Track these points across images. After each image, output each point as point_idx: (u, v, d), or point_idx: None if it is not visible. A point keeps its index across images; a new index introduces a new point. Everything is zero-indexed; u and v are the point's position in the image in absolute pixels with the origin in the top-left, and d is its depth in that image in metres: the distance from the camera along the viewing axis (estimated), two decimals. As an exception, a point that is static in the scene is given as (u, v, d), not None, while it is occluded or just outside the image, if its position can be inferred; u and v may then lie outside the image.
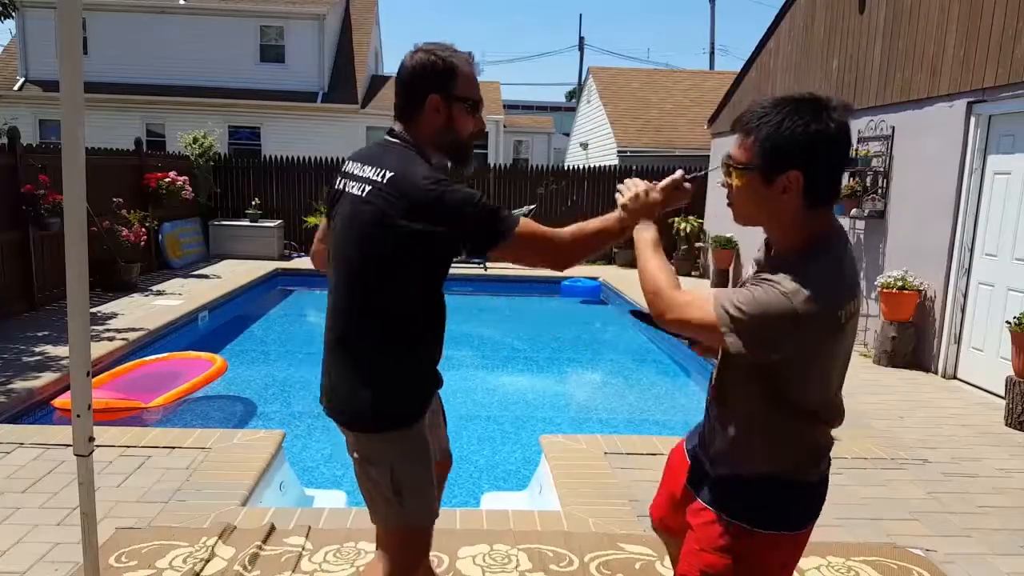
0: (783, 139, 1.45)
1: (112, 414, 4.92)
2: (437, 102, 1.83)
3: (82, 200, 2.21)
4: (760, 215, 1.57)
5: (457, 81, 1.83)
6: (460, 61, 1.84)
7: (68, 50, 2.14)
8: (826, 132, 1.45)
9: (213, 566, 2.82)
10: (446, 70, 1.82)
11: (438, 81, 1.82)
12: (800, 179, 1.46)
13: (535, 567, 2.91)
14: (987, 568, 3.10)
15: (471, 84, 1.86)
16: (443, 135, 1.86)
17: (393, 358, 1.88)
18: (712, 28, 31.70)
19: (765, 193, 1.51)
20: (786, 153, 1.46)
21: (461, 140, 1.89)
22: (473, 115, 1.89)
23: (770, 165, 1.48)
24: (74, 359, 2.28)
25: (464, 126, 1.88)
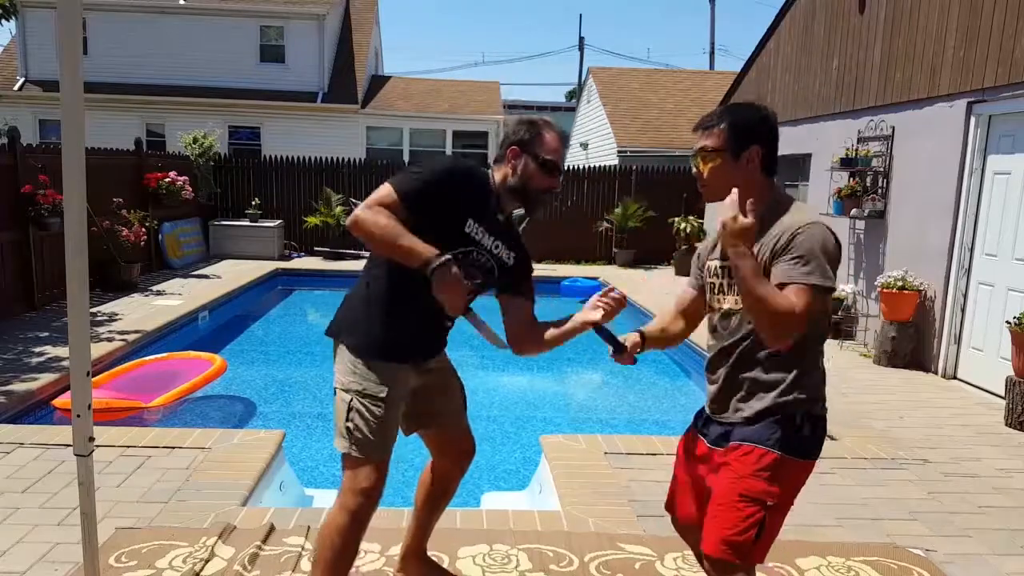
0: (744, 123, 1.96)
1: (112, 414, 4.92)
2: (516, 152, 2.29)
3: (82, 200, 2.21)
4: (729, 191, 1.91)
5: (541, 142, 2.28)
6: (548, 129, 2.30)
7: (68, 50, 2.14)
8: (768, 116, 1.99)
9: (213, 566, 2.82)
10: (531, 133, 2.29)
11: (521, 141, 2.29)
12: (760, 151, 1.94)
13: (535, 567, 2.91)
14: (987, 568, 3.10)
15: (550, 148, 2.28)
16: (516, 179, 2.29)
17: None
18: (712, 28, 31.64)
19: (734, 168, 1.95)
20: (748, 133, 1.94)
21: (528, 189, 2.30)
22: (544, 172, 2.28)
23: (737, 143, 1.94)
24: (74, 359, 2.28)
25: (536, 178, 2.28)
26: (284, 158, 13.66)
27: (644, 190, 13.40)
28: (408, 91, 20.29)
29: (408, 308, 2.28)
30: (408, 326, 2.29)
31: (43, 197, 7.44)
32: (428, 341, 2.42)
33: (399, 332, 2.28)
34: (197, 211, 12.38)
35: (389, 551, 2.98)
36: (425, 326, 2.35)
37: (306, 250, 13.25)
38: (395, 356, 2.28)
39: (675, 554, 3.04)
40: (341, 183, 13.43)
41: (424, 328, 2.35)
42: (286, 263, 12.17)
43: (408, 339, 2.31)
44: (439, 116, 19.07)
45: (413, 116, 18.98)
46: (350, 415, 2.23)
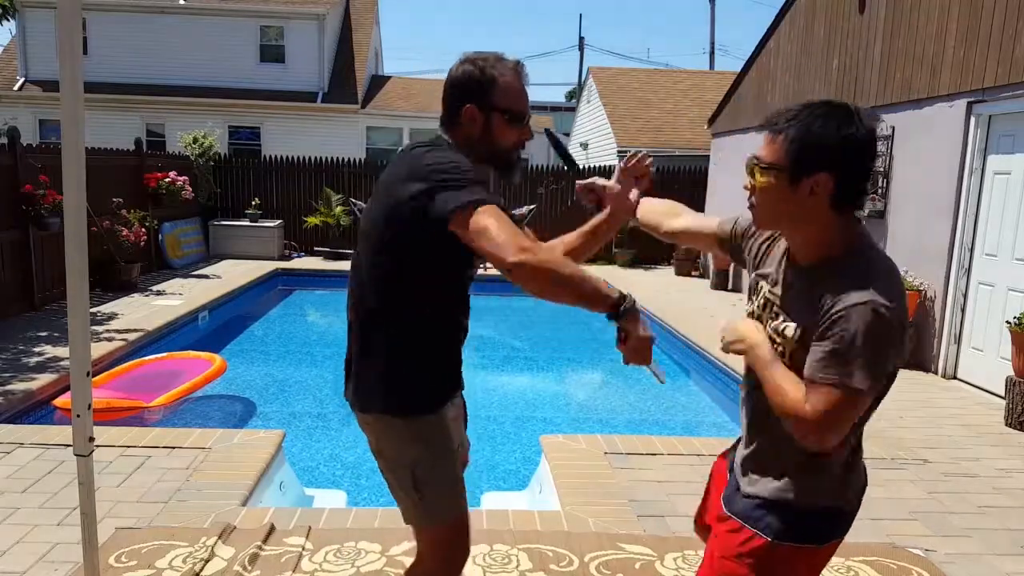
0: (814, 140, 1.43)
1: (113, 413, 4.92)
2: (473, 112, 1.82)
3: (82, 200, 2.21)
4: (783, 219, 1.54)
5: (495, 91, 1.81)
6: (502, 71, 1.82)
7: (68, 50, 2.14)
8: (856, 136, 1.43)
9: (213, 566, 2.82)
10: (484, 80, 1.81)
11: (475, 92, 1.81)
12: (829, 182, 1.44)
13: (535, 567, 2.91)
14: (987, 568, 3.10)
15: (512, 95, 1.83)
16: (480, 145, 1.84)
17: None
18: (712, 28, 31.66)
19: (789, 195, 1.47)
20: (816, 154, 1.43)
21: (500, 150, 1.86)
22: (513, 126, 1.85)
23: (798, 166, 1.45)
24: (74, 359, 2.28)
25: (503, 136, 1.85)
26: (284, 158, 13.66)
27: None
28: (408, 91, 20.30)
29: (446, 343, 1.91)
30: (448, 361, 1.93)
31: (43, 197, 7.44)
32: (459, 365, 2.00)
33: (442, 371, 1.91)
34: (197, 211, 12.38)
35: (389, 551, 2.99)
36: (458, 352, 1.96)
37: (306, 250, 13.25)
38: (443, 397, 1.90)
39: (675, 554, 3.04)
40: (341, 183, 13.43)
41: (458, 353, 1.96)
42: (286, 263, 12.17)
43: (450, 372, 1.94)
44: (439, 116, 19.02)
45: (413, 116, 18.98)
46: (421, 488, 1.85)
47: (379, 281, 1.81)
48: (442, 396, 1.88)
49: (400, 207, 1.72)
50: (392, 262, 1.78)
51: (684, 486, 3.79)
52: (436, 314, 1.85)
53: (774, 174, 1.48)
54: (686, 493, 3.72)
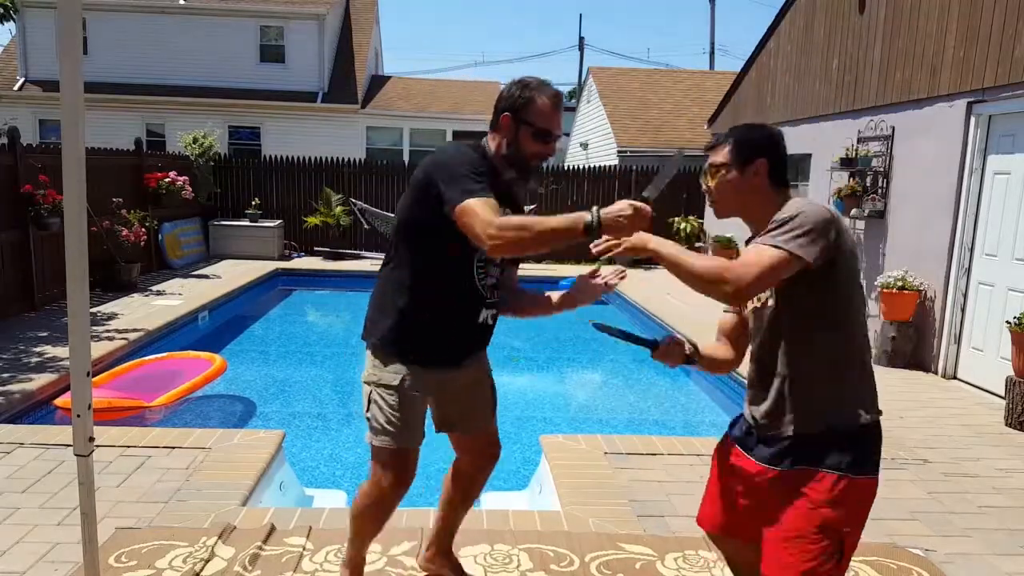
0: (749, 139, 1.99)
1: (114, 413, 4.92)
2: (507, 121, 2.24)
3: (82, 200, 2.21)
4: (738, 203, 1.99)
5: (529, 109, 2.21)
6: (539, 95, 2.22)
7: (68, 50, 2.14)
8: (774, 133, 2.02)
9: (213, 566, 2.82)
10: (522, 98, 2.22)
11: (513, 105, 2.23)
12: (765, 164, 1.95)
13: (536, 567, 2.91)
14: (987, 568, 3.10)
15: (542, 115, 2.22)
16: (509, 149, 2.25)
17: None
18: (712, 28, 31.68)
19: (740, 181, 1.96)
20: (753, 146, 1.96)
21: (522, 157, 2.25)
22: (537, 140, 2.23)
23: (742, 157, 1.96)
24: (74, 359, 2.28)
25: (527, 146, 2.24)
26: (284, 158, 13.66)
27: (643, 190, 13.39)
28: (408, 91, 20.30)
29: (433, 309, 2.27)
30: (430, 326, 2.28)
31: (43, 197, 7.44)
32: (456, 344, 2.36)
33: (421, 335, 2.28)
34: (197, 211, 12.38)
35: (390, 551, 2.99)
36: (452, 328, 2.31)
37: (306, 250, 13.24)
38: (414, 359, 2.29)
39: (675, 554, 3.04)
40: (341, 183, 13.43)
41: (451, 331, 2.32)
42: (286, 263, 12.17)
43: (430, 341, 2.29)
44: (439, 116, 19.07)
45: (413, 116, 18.99)
46: (370, 406, 2.33)
47: (395, 244, 2.32)
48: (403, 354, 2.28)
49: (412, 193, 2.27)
50: (403, 231, 2.29)
51: (684, 486, 3.79)
52: (429, 282, 2.26)
53: (726, 170, 1.98)
54: (686, 493, 3.72)
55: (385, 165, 14.07)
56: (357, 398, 6.62)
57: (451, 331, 2.32)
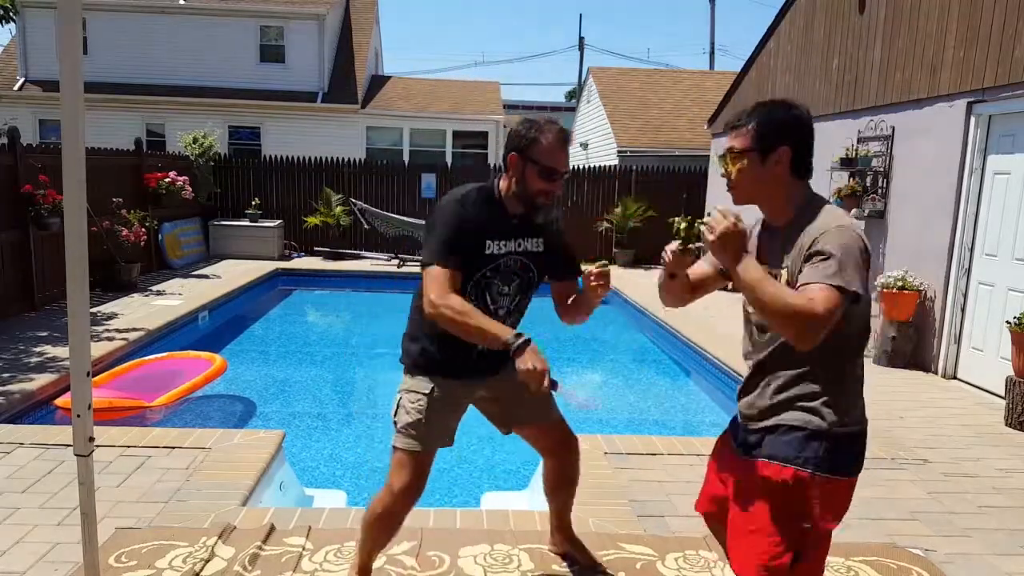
0: (773, 123, 1.86)
1: (115, 413, 4.92)
2: (514, 159, 2.35)
3: (82, 200, 2.21)
4: (758, 191, 1.90)
5: (534, 148, 2.31)
6: (546, 133, 2.32)
7: (68, 50, 2.14)
8: (801, 115, 1.89)
9: (213, 566, 2.82)
10: (528, 138, 2.32)
11: (519, 146, 2.34)
12: (788, 152, 1.85)
13: (537, 567, 2.91)
14: (987, 568, 3.10)
15: (550, 153, 2.31)
16: (516, 186, 2.37)
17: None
18: (712, 28, 31.67)
19: (761, 169, 1.87)
20: (776, 132, 1.85)
21: (528, 194, 2.36)
22: (543, 177, 2.33)
23: (765, 144, 1.85)
24: (74, 359, 2.28)
25: (534, 183, 2.34)
26: (284, 158, 13.66)
27: (644, 190, 13.41)
28: (408, 91, 20.29)
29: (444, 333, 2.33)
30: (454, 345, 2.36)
31: (43, 197, 7.44)
32: (478, 364, 2.48)
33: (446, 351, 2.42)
34: (197, 211, 12.38)
35: (390, 550, 2.98)
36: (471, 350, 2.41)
37: (306, 250, 13.24)
38: (442, 374, 2.46)
39: (676, 554, 3.04)
40: (341, 183, 13.43)
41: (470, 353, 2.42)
42: (286, 263, 12.17)
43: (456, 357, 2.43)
44: (439, 116, 19.07)
45: (413, 116, 18.98)
46: (398, 411, 2.46)
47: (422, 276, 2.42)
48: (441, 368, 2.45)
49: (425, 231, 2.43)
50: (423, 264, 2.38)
51: (684, 486, 3.79)
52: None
53: (747, 156, 1.87)
54: (686, 493, 3.72)
55: (385, 165, 14.07)
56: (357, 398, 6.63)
57: (471, 353, 2.42)
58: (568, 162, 2.40)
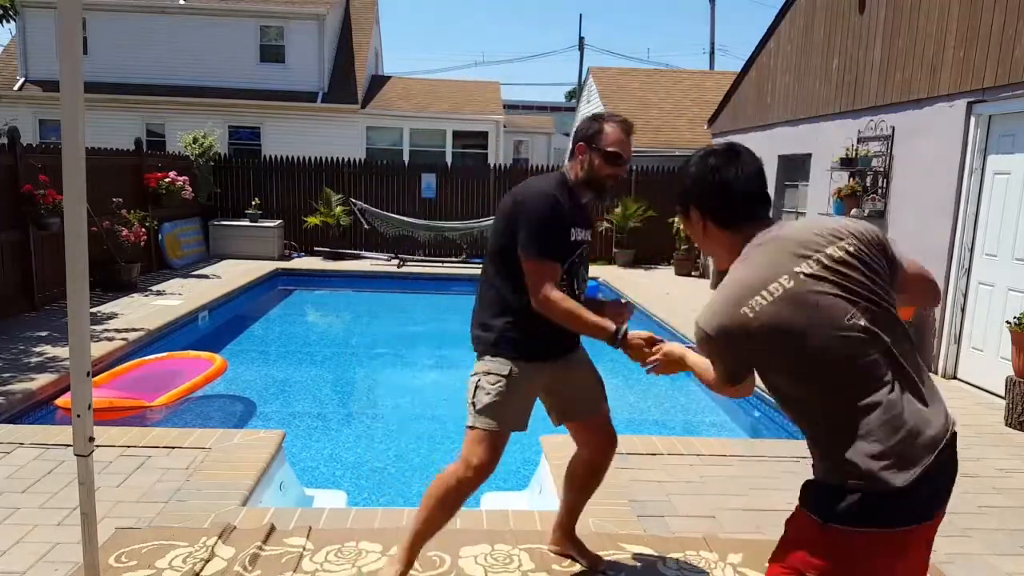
0: (680, 186, 1.87)
1: (115, 413, 4.92)
2: (582, 148, 2.56)
3: (82, 200, 2.21)
4: (704, 245, 1.88)
5: (602, 136, 2.52)
6: (611, 123, 2.54)
7: (68, 50, 2.14)
8: (695, 174, 1.82)
9: (213, 566, 2.82)
10: (594, 128, 2.54)
11: (585, 137, 2.55)
12: (696, 210, 1.82)
13: (537, 567, 2.91)
14: (987, 568, 3.10)
15: (615, 140, 2.52)
16: (584, 173, 2.56)
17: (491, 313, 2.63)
18: (712, 28, 31.68)
19: (691, 228, 1.87)
20: (681, 195, 1.86)
21: (596, 179, 2.55)
22: (609, 162, 2.52)
23: (682, 206, 1.87)
24: (74, 359, 2.28)
25: (601, 168, 2.53)
26: (284, 158, 13.66)
27: (644, 190, 13.41)
28: (408, 91, 20.29)
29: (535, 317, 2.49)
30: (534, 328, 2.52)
31: (43, 197, 7.44)
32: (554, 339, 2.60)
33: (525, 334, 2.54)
34: (197, 211, 12.38)
35: (391, 551, 2.98)
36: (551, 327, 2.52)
37: (306, 250, 13.25)
38: (519, 356, 2.54)
39: (676, 555, 3.04)
40: (341, 183, 13.43)
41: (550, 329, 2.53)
42: (286, 263, 12.17)
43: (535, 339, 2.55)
44: (439, 116, 19.07)
45: (413, 116, 18.98)
46: (476, 392, 2.54)
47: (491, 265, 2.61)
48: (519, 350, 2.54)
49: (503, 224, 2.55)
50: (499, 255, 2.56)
51: (684, 486, 3.79)
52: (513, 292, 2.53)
53: (680, 215, 1.90)
54: (686, 493, 3.72)
55: (385, 165, 14.07)
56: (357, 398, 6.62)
57: (548, 331, 2.53)
58: (630, 149, 2.57)
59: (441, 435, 5.24)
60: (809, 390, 1.64)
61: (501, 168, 14.27)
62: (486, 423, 2.51)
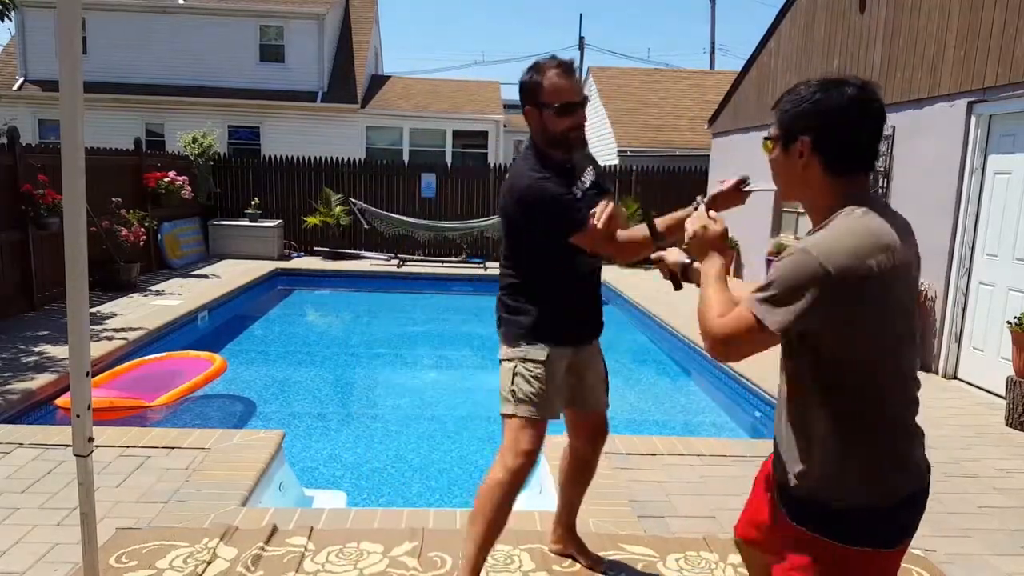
0: (795, 109, 1.58)
1: (115, 413, 4.92)
2: (530, 111, 2.40)
3: (82, 200, 2.21)
4: (791, 185, 1.64)
5: (542, 90, 2.34)
6: (546, 73, 2.33)
7: (68, 50, 2.14)
8: (828, 101, 1.54)
9: (215, 567, 2.81)
10: (532, 84, 2.35)
11: (528, 95, 2.37)
12: (808, 143, 1.55)
13: (538, 567, 2.90)
14: (987, 568, 3.10)
15: (556, 90, 2.33)
16: (544, 135, 2.39)
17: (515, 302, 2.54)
18: (712, 28, 31.74)
19: (785, 161, 1.61)
20: (795, 121, 1.57)
21: (556, 136, 2.37)
22: (562, 115, 2.34)
23: (785, 133, 1.60)
24: (74, 359, 2.27)
25: (555, 125, 2.36)
26: (284, 158, 13.65)
27: (644, 190, 13.41)
28: (408, 91, 20.29)
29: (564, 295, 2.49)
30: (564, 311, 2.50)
31: (42, 197, 7.43)
32: (583, 323, 2.60)
33: (556, 317, 2.48)
34: (197, 211, 12.37)
35: (391, 551, 2.98)
36: (579, 310, 2.56)
37: (306, 250, 13.24)
38: (552, 340, 2.48)
39: (677, 555, 3.03)
40: (341, 183, 13.42)
41: (579, 312, 2.56)
42: (286, 263, 12.16)
43: (564, 323, 2.51)
44: (439, 116, 19.06)
45: (413, 116, 18.98)
46: (515, 380, 2.45)
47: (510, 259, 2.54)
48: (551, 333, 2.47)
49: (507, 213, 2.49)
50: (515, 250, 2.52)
51: (684, 486, 3.79)
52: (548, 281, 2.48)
53: (773, 144, 1.63)
54: (686, 493, 3.72)
55: (385, 165, 14.06)
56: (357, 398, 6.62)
57: (569, 318, 2.53)
58: (580, 90, 2.40)
59: (441, 435, 5.24)
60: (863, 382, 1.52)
61: (501, 168, 14.25)
62: (529, 411, 2.42)
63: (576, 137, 2.41)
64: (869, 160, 1.58)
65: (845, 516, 1.53)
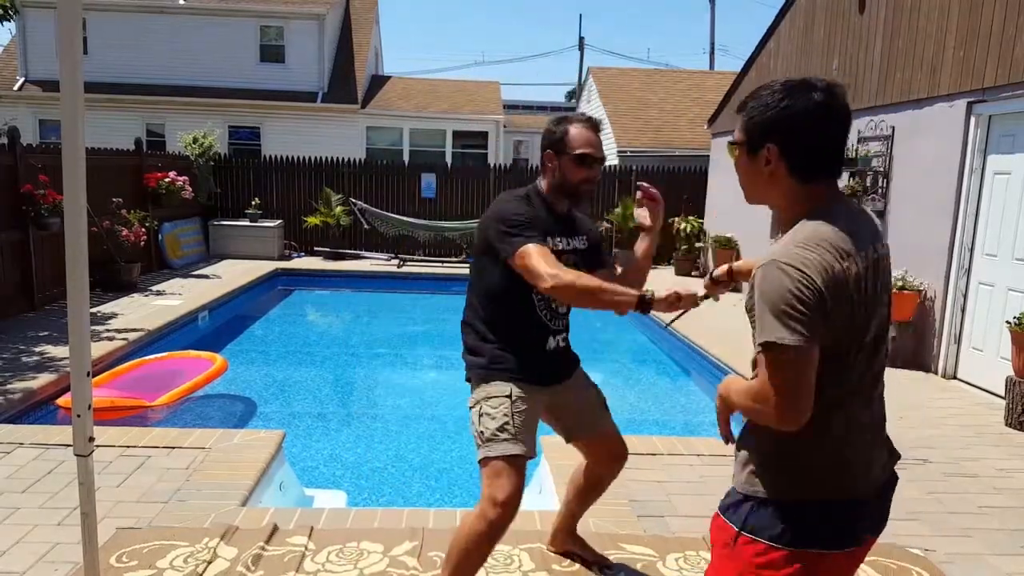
0: (761, 115, 1.53)
1: (116, 412, 4.92)
2: (550, 156, 2.46)
3: (82, 200, 2.21)
4: (756, 190, 1.61)
5: (568, 137, 2.41)
6: (576, 124, 2.43)
7: (68, 50, 2.14)
8: (795, 108, 1.50)
9: (216, 567, 2.82)
10: (558, 132, 2.44)
11: (551, 141, 2.45)
12: (776, 151, 1.51)
13: (538, 567, 2.91)
14: (987, 568, 3.10)
15: (579, 142, 2.40)
16: (556, 182, 2.46)
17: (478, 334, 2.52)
18: (712, 28, 31.65)
19: (751, 167, 1.57)
20: (762, 127, 1.53)
21: (569, 184, 2.44)
22: (580, 164, 2.41)
23: (751, 139, 1.55)
24: (74, 359, 2.28)
25: (572, 174, 2.43)
26: (284, 158, 13.65)
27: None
28: (408, 91, 20.29)
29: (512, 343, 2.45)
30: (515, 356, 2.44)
31: (43, 197, 7.44)
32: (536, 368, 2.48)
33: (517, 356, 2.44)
34: (197, 211, 12.37)
35: (392, 551, 2.99)
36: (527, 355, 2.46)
37: (306, 250, 13.24)
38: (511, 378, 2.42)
39: (676, 555, 3.04)
40: (341, 183, 13.42)
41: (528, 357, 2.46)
42: (286, 263, 12.17)
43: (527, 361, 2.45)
44: (439, 116, 19.07)
45: (413, 116, 18.98)
46: (481, 420, 2.39)
47: (471, 290, 2.53)
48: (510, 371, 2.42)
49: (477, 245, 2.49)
50: (477, 273, 2.50)
51: (684, 486, 3.79)
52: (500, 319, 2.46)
53: (738, 149, 1.59)
54: (686, 493, 3.72)
55: (385, 165, 14.06)
56: (357, 398, 6.62)
57: (528, 357, 2.46)
58: (602, 148, 2.45)
59: (441, 435, 5.24)
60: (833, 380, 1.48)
61: (501, 168, 14.26)
62: (502, 448, 2.32)
63: (587, 191, 2.47)
64: (836, 165, 1.57)
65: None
